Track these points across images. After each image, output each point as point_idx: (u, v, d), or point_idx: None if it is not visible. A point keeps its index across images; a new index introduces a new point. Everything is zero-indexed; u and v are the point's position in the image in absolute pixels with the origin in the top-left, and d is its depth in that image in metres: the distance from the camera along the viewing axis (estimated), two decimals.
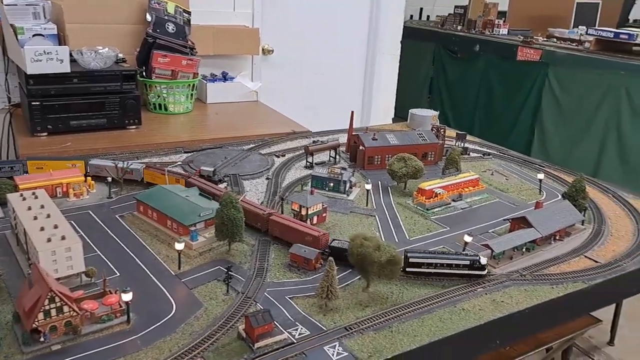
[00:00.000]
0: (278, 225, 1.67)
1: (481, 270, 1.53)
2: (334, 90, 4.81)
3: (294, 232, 1.63)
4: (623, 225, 1.91)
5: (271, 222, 1.68)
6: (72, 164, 2.04)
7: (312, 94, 4.68)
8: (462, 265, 1.53)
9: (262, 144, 2.64)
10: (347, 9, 4.66)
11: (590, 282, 1.55)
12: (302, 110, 4.53)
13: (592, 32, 5.62)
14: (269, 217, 1.70)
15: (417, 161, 2.14)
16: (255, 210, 1.74)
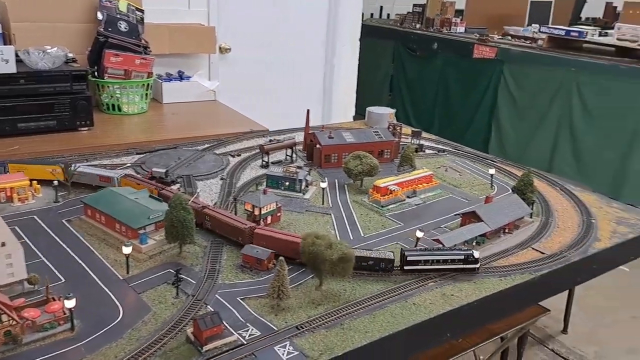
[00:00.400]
0: (264, 238, 1.61)
1: (474, 263, 1.57)
2: (294, 89, 4.80)
3: (281, 242, 1.59)
4: (569, 217, 1.97)
5: (256, 235, 1.62)
6: (53, 169, 1.98)
7: (271, 92, 4.66)
8: (457, 260, 1.56)
9: (217, 144, 2.62)
10: (305, 6, 4.66)
11: (536, 273, 1.59)
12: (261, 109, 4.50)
13: (544, 29, 5.78)
14: (253, 231, 1.62)
15: (372, 159, 2.16)
16: (234, 223, 1.66)
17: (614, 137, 4.81)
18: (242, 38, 4.41)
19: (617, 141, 4.78)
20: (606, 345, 3.00)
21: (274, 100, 4.67)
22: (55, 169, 1.96)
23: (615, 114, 4.79)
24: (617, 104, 4.77)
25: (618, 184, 4.80)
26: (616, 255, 1.81)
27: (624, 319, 3.23)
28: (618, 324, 3.18)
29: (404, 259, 1.56)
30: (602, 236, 1.84)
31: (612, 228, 1.90)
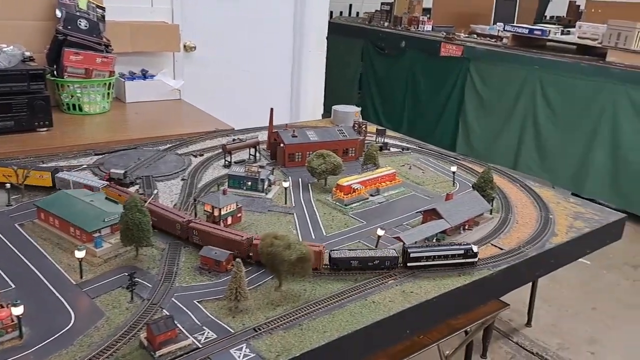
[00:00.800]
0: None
1: (473, 257, 1.61)
2: (261, 87, 4.77)
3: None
4: (528, 213, 2.00)
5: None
6: (40, 174, 1.91)
7: (238, 91, 4.62)
8: (457, 254, 1.60)
9: (179, 144, 2.58)
10: (272, 5, 4.64)
11: (494, 269, 1.61)
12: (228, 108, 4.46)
13: (509, 28, 5.88)
14: (251, 244, 1.56)
15: (336, 157, 2.15)
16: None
17: (576, 133, 4.92)
18: (208, 36, 4.36)
19: (579, 137, 4.89)
20: (568, 336, 3.06)
21: (240, 99, 4.63)
22: (42, 174, 1.91)
23: (577, 110, 4.91)
24: (578, 100, 4.89)
25: (581, 178, 4.92)
26: (573, 249, 1.84)
27: (585, 310, 3.31)
28: (579, 315, 3.26)
29: (406, 255, 1.58)
30: (560, 231, 1.87)
31: (569, 223, 1.94)
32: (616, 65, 4.73)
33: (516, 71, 5.33)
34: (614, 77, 4.64)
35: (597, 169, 4.78)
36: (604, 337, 3.06)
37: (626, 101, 4.54)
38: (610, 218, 2.00)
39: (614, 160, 4.66)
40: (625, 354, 2.94)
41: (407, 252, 1.58)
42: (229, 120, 3.47)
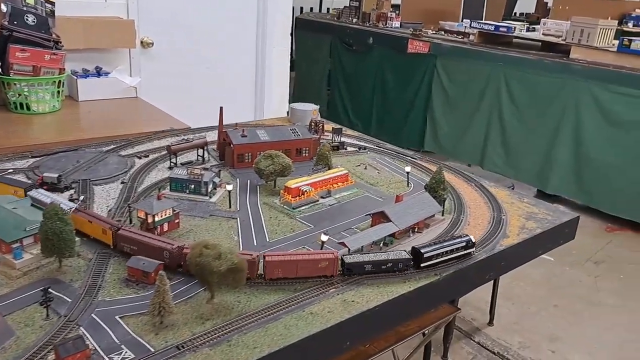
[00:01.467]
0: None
1: (472, 247, 1.65)
2: (223, 85, 4.66)
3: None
4: (480, 214, 1.95)
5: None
6: (15, 190, 1.75)
7: (199, 88, 4.50)
8: (460, 247, 1.63)
9: (124, 145, 2.46)
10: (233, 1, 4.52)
11: (441, 274, 1.54)
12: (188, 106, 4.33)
13: (475, 25, 5.87)
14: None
15: (284, 158, 2.07)
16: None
17: (540, 130, 4.93)
18: (166, 32, 4.23)
19: (543, 134, 4.90)
20: (530, 334, 3.04)
21: (201, 97, 4.50)
22: (16, 190, 1.75)
23: (540, 107, 4.91)
24: (542, 97, 4.89)
25: (545, 174, 4.93)
26: (524, 251, 1.80)
27: (547, 307, 3.29)
28: (541, 313, 3.24)
29: (420, 256, 1.55)
30: (511, 232, 1.82)
31: (521, 224, 1.90)
32: (579, 62, 4.75)
33: (481, 68, 5.32)
34: (576, 73, 4.65)
35: (560, 165, 4.79)
36: (565, 335, 3.05)
37: (588, 98, 4.56)
38: (562, 218, 1.96)
39: (577, 156, 4.68)
40: (585, 351, 2.93)
41: (421, 253, 1.56)
42: (190, 119, 3.35)
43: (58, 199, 1.71)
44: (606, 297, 3.42)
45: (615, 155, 4.43)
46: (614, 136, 4.43)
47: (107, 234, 1.53)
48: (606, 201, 4.52)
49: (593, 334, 3.05)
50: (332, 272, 1.48)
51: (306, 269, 1.45)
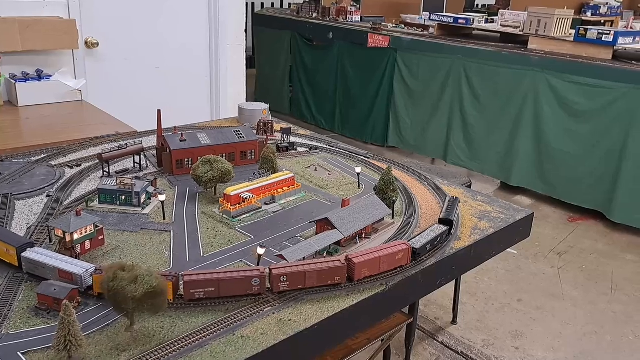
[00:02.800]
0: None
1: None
2: (176, 85, 4.48)
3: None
4: (432, 215, 1.85)
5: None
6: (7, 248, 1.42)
7: (149, 89, 4.31)
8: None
9: (55, 153, 2.29)
10: None
11: (387, 284, 1.44)
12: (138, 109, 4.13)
13: (434, 17, 5.81)
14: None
15: (224, 163, 1.94)
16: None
17: (501, 122, 4.91)
18: (112, 31, 4.03)
19: (504, 125, 4.88)
20: (494, 332, 2.99)
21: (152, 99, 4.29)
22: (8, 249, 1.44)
23: (501, 99, 4.89)
24: (502, 89, 4.87)
25: (508, 166, 4.91)
26: (476, 254, 1.71)
27: (511, 302, 3.25)
28: (505, 308, 3.19)
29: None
30: (463, 234, 1.73)
31: (474, 224, 1.81)
32: (536, 53, 4.73)
33: (441, 61, 5.27)
34: (534, 64, 4.63)
35: (522, 157, 4.77)
36: (528, 331, 3.00)
37: (547, 89, 4.54)
38: (516, 216, 1.88)
39: (538, 147, 4.67)
40: (548, 346, 2.88)
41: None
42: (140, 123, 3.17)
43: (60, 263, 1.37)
44: (568, 289, 3.39)
45: (574, 145, 4.43)
46: (573, 126, 4.43)
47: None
48: (567, 191, 4.52)
49: (556, 329, 3.02)
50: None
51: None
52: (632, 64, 4.21)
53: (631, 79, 4.06)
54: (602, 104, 4.23)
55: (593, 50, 4.55)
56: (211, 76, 4.69)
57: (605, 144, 4.22)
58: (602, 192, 4.25)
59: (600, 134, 4.25)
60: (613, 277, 3.52)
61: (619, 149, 4.13)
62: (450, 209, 1.76)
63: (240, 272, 1.34)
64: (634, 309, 3.19)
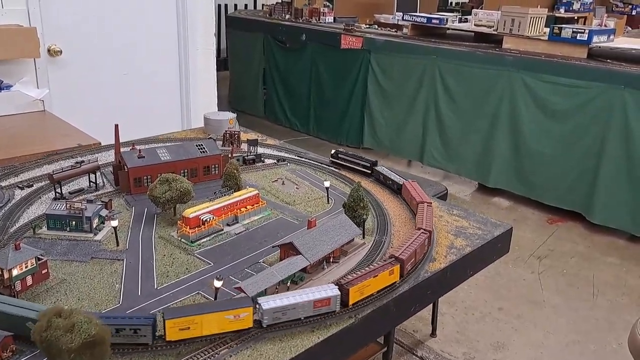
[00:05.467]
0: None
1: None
2: (145, 92, 4.33)
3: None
4: (406, 232, 1.75)
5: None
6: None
7: (116, 98, 4.16)
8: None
9: (7, 172, 2.13)
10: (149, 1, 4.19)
11: (357, 316, 1.33)
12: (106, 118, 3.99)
13: (407, 18, 5.73)
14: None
15: (183, 182, 1.81)
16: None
17: (477, 123, 4.84)
18: (76, 38, 3.86)
19: (481, 126, 4.81)
20: (475, 343, 2.90)
21: (120, 107, 4.16)
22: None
23: (476, 99, 4.82)
24: (477, 89, 4.80)
25: (485, 167, 4.85)
26: (452, 276, 1.61)
27: (492, 311, 3.17)
28: (486, 318, 3.11)
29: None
30: (438, 254, 1.63)
31: (450, 242, 1.71)
32: (511, 52, 4.67)
33: (415, 61, 5.18)
34: (509, 64, 4.57)
35: (499, 157, 4.72)
36: (510, 341, 2.92)
37: (522, 88, 4.49)
38: (494, 232, 1.78)
39: (515, 148, 4.61)
40: (530, 358, 2.81)
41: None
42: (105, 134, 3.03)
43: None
44: (549, 295, 3.33)
45: (551, 145, 4.38)
46: (550, 126, 4.38)
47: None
48: (546, 192, 4.47)
49: (537, 338, 2.94)
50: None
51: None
52: (607, 63, 4.17)
53: (607, 78, 4.02)
54: (578, 103, 4.18)
55: (568, 49, 4.51)
56: (181, 82, 4.54)
57: (583, 144, 4.18)
58: (581, 192, 4.20)
59: (577, 134, 4.20)
60: (594, 282, 3.47)
61: (597, 149, 4.09)
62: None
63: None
64: (616, 315, 3.13)
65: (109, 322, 1.15)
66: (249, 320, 1.24)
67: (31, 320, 1.11)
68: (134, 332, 1.18)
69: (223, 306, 1.23)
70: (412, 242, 1.53)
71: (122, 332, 1.17)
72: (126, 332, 1.17)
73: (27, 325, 1.10)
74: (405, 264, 1.44)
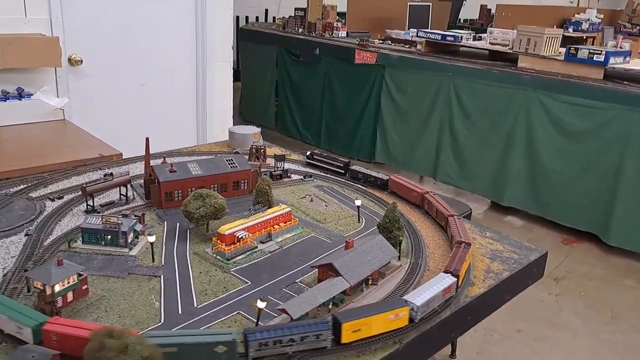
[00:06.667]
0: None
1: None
2: (161, 103, 4.35)
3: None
4: (441, 256, 1.74)
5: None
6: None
7: (134, 108, 4.18)
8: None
9: (36, 184, 2.12)
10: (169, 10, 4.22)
11: (401, 342, 1.32)
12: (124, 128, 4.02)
13: (422, 34, 5.76)
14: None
15: (217, 198, 1.80)
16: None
17: (492, 141, 4.85)
18: (96, 48, 3.89)
19: (496, 144, 4.82)
20: None
21: (137, 118, 4.18)
22: None
23: (492, 117, 4.83)
24: (493, 107, 4.81)
25: (499, 185, 4.84)
26: (492, 300, 1.60)
27: (511, 333, 3.14)
28: (505, 340, 3.09)
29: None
30: (476, 278, 1.62)
31: (486, 266, 1.70)
32: (527, 72, 4.69)
33: (431, 78, 5.20)
34: (525, 83, 4.59)
35: (514, 176, 4.71)
36: None
37: (539, 108, 4.50)
38: (530, 256, 1.77)
39: (531, 167, 4.61)
40: None
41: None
42: (124, 143, 3.04)
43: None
44: (568, 318, 3.31)
45: (568, 166, 4.38)
46: (567, 146, 4.38)
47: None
48: (561, 212, 4.46)
49: None
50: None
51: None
52: (625, 85, 4.18)
53: (625, 100, 4.03)
54: (596, 124, 4.19)
55: (584, 69, 4.52)
56: (197, 94, 4.56)
57: (600, 165, 4.17)
58: (597, 214, 4.19)
59: (594, 155, 4.20)
60: (613, 305, 3.45)
61: (614, 171, 4.08)
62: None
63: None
64: (636, 340, 3.11)
65: (292, 331, 1.20)
66: (405, 319, 1.34)
67: (222, 344, 1.13)
68: (317, 338, 1.22)
69: (383, 307, 1.33)
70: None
71: (306, 338, 1.22)
72: (310, 338, 1.22)
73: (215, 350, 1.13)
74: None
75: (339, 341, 1.25)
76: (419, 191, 2.13)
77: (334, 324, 1.26)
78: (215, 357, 1.14)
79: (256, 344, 1.19)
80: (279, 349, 1.20)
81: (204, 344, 1.14)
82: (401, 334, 1.33)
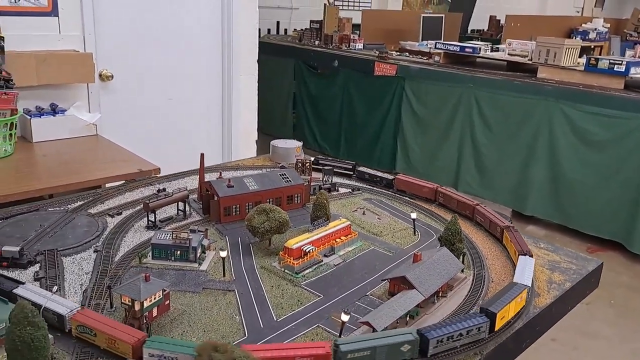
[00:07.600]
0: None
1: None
2: (189, 117, 4.41)
3: None
4: (502, 267, 1.78)
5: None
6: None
7: (163, 122, 4.24)
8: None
9: (92, 200, 2.17)
10: (196, 26, 4.29)
11: (482, 353, 1.36)
12: (152, 141, 4.08)
13: (440, 46, 5.83)
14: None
15: (281, 213, 1.85)
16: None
17: (514, 150, 4.90)
18: (126, 64, 3.97)
19: (517, 154, 4.87)
20: None
21: (166, 131, 4.25)
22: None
23: (513, 127, 4.89)
24: (514, 117, 4.87)
25: (521, 195, 4.88)
26: (556, 311, 1.64)
27: (546, 342, 3.16)
28: (541, 349, 3.11)
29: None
30: (540, 289, 1.66)
31: (547, 276, 1.74)
32: (547, 82, 4.74)
33: (451, 89, 5.26)
34: (546, 93, 4.64)
35: (536, 185, 4.76)
36: None
37: (561, 117, 4.55)
38: (588, 267, 1.82)
39: (553, 176, 4.66)
40: None
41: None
42: (154, 156, 3.11)
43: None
44: (601, 326, 3.34)
45: (591, 175, 4.42)
46: (588, 156, 4.43)
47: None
48: (585, 221, 4.50)
49: None
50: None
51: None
52: None
53: None
54: (618, 134, 4.23)
55: (605, 80, 4.58)
56: (223, 108, 4.62)
57: (622, 174, 4.22)
58: (621, 222, 4.23)
59: (617, 164, 4.25)
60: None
61: (636, 179, 4.12)
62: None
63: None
64: None
65: (458, 327, 1.33)
66: (524, 299, 1.51)
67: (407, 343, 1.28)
68: (478, 330, 1.35)
69: (510, 294, 1.46)
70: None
71: (471, 332, 1.34)
72: (473, 331, 1.34)
73: (401, 349, 1.26)
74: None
75: (493, 329, 1.38)
76: (430, 186, 2.29)
77: (487, 315, 1.38)
78: (400, 356, 1.26)
79: (435, 341, 1.29)
80: (450, 344, 1.32)
81: (393, 344, 1.25)
82: (481, 345, 1.37)
